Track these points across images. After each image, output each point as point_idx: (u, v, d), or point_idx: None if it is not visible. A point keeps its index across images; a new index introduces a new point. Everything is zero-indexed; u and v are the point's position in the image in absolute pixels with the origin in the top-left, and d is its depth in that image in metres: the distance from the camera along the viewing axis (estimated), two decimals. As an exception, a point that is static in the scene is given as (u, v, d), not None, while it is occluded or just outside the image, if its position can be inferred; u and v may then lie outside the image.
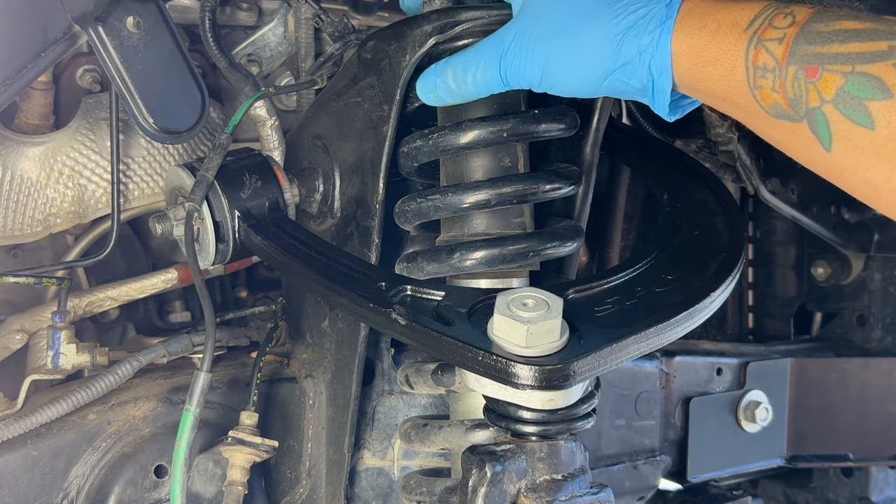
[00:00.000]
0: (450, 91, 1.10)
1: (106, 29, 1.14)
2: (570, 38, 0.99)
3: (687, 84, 0.95)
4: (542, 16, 1.02)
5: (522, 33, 1.03)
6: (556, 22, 1.01)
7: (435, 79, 1.11)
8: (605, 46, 0.97)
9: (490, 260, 1.14)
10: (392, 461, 1.35)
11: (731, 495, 1.96)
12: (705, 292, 1.07)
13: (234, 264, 1.41)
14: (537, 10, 1.03)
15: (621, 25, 0.96)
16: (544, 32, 1.01)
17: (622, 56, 0.96)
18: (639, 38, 0.95)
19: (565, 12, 1.00)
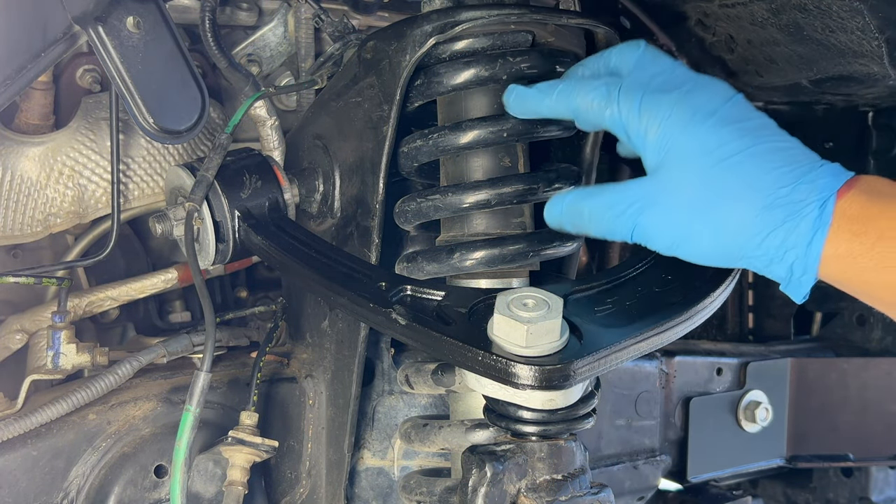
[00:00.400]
0: (573, 224, 1.06)
1: (106, 29, 1.14)
2: (709, 221, 0.96)
3: (837, 281, 0.93)
4: (682, 187, 0.97)
5: (657, 200, 0.98)
6: (696, 198, 0.96)
7: (561, 212, 1.06)
8: (747, 234, 0.94)
9: (490, 260, 1.14)
10: (392, 461, 1.35)
11: (731, 495, 1.96)
12: (705, 292, 1.07)
13: (234, 264, 1.41)
14: (674, 180, 0.98)
15: (768, 220, 0.93)
16: (679, 209, 0.97)
17: (764, 247, 0.94)
18: (787, 236, 0.92)
19: (708, 190, 0.96)
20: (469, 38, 1.13)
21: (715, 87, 1.01)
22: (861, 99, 1.66)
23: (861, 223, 0.89)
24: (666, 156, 0.99)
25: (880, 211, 0.89)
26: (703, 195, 0.96)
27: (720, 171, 0.95)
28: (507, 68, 1.13)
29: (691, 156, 0.97)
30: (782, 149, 0.96)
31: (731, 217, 0.95)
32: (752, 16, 1.37)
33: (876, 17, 1.24)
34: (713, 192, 0.96)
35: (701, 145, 0.97)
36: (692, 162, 0.97)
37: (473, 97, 1.16)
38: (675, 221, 0.98)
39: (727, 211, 0.95)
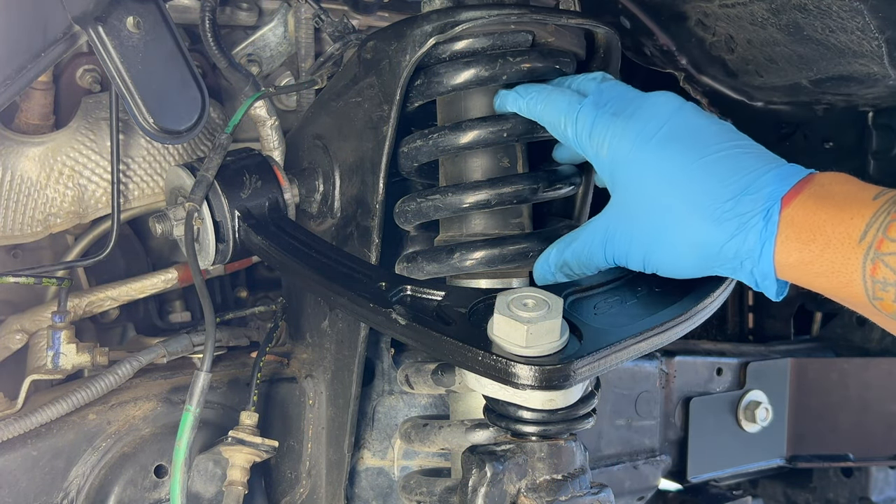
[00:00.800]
0: (568, 276, 1.10)
1: (106, 29, 1.14)
2: (664, 243, 0.98)
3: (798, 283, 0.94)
4: (633, 216, 1.01)
5: (618, 230, 1.02)
6: (648, 225, 0.99)
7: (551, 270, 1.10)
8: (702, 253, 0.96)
9: (490, 260, 1.14)
10: (392, 461, 1.35)
11: (731, 495, 1.96)
12: (705, 292, 1.07)
13: (234, 264, 1.41)
14: (627, 209, 1.02)
15: (718, 235, 0.94)
16: (638, 233, 1.00)
17: (722, 260, 0.96)
18: (739, 248, 0.94)
19: (658, 212, 0.98)
20: (469, 38, 1.13)
21: (660, 104, 1.02)
22: (861, 99, 1.65)
23: (809, 231, 0.90)
24: (615, 179, 1.02)
25: (828, 217, 0.89)
26: (655, 217, 0.99)
27: (666, 191, 0.97)
28: (507, 68, 1.12)
29: (639, 179, 0.99)
30: (730, 157, 0.96)
31: (684, 235, 0.97)
32: (752, 16, 1.37)
33: (876, 17, 1.24)
34: (664, 213, 0.98)
35: (646, 167, 0.99)
36: (640, 185, 0.99)
37: (473, 97, 1.16)
38: (638, 243, 1.01)
39: (680, 230, 0.97)
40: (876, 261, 0.85)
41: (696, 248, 0.96)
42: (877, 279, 0.86)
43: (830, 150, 1.90)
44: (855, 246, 0.87)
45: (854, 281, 0.87)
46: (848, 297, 0.90)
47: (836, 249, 0.88)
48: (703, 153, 0.97)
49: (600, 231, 1.04)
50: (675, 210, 0.97)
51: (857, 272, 0.87)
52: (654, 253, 1.00)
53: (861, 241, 0.86)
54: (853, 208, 0.88)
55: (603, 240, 1.04)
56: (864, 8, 1.23)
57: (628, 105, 1.04)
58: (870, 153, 1.86)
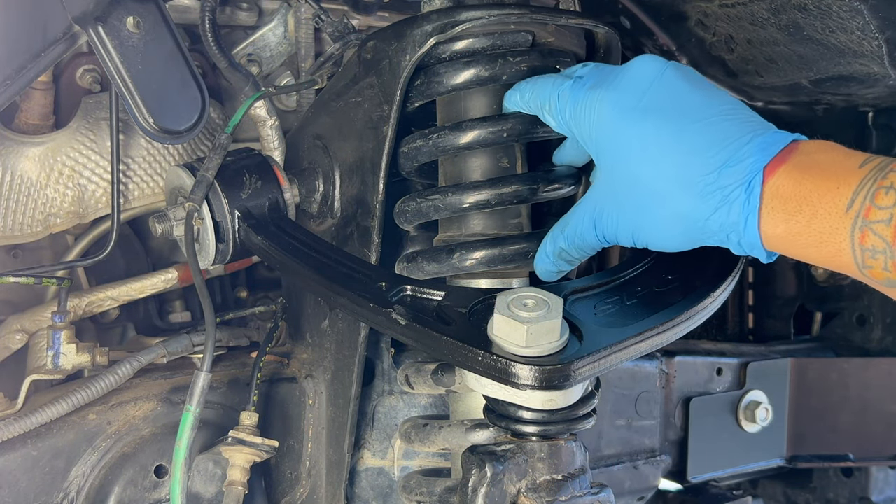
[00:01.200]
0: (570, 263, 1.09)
1: (106, 29, 1.14)
2: (650, 219, 0.98)
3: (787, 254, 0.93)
4: (618, 192, 1.00)
5: (606, 208, 1.02)
6: (633, 201, 0.99)
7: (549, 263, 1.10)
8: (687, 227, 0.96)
9: (490, 260, 1.14)
10: (392, 461, 1.35)
11: (731, 495, 1.96)
12: (705, 292, 1.07)
13: (234, 264, 1.41)
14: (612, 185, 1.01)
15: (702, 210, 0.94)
16: (625, 209, 1.00)
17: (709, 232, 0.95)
18: (724, 221, 0.93)
19: (640, 192, 0.98)
20: (469, 38, 1.13)
21: (638, 71, 1.00)
22: (861, 99, 1.65)
23: (795, 202, 0.89)
24: (601, 156, 1.02)
25: (814, 186, 0.88)
26: (639, 192, 0.98)
27: (649, 166, 0.96)
28: (507, 68, 1.12)
29: (622, 154, 0.98)
30: (711, 125, 0.95)
31: (669, 210, 0.96)
32: (752, 16, 1.37)
33: (876, 17, 1.24)
34: (647, 189, 0.97)
35: (628, 142, 0.98)
36: (624, 161, 0.98)
37: (473, 97, 1.16)
38: (626, 220, 1.00)
39: (663, 205, 0.96)
40: (864, 229, 0.84)
41: (682, 222, 0.96)
42: (865, 247, 0.85)
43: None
44: (842, 215, 0.86)
45: (843, 250, 0.86)
46: (838, 265, 0.89)
47: (824, 219, 0.87)
48: (683, 124, 0.95)
49: (589, 211, 1.04)
50: (658, 185, 0.96)
51: (845, 241, 0.86)
52: (642, 228, 0.99)
53: (848, 210, 0.85)
54: (839, 177, 0.87)
55: (592, 219, 1.03)
56: (864, 8, 1.23)
57: (608, 76, 1.02)
58: (870, 153, 1.86)
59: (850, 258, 0.86)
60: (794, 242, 0.90)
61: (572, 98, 1.03)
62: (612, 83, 1.00)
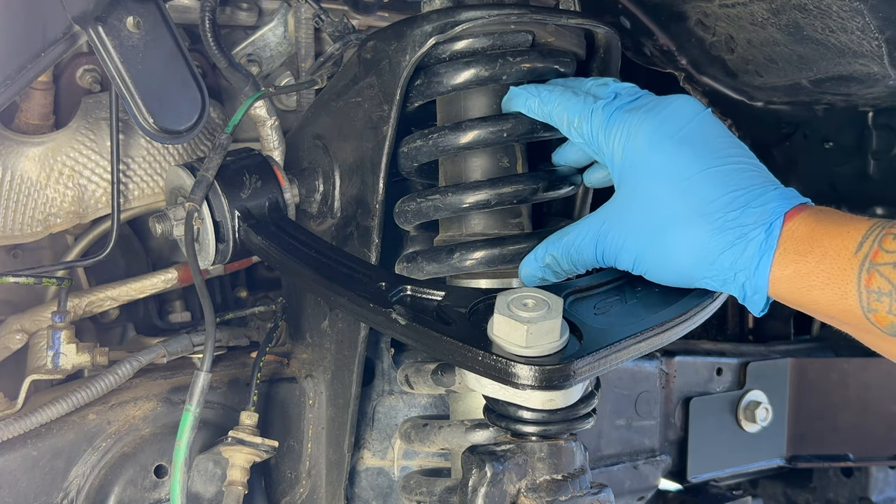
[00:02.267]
0: (551, 273, 1.09)
1: (106, 29, 1.14)
2: (660, 244, 0.99)
3: (788, 300, 0.95)
4: (634, 213, 1.01)
5: (619, 220, 1.02)
6: (647, 224, 1.00)
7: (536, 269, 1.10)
8: (697, 258, 0.97)
9: (490, 260, 1.14)
10: (392, 461, 1.35)
11: (731, 495, 1.96)
12: (705, 292, 1.07)
13: (234, 264, 1.41)
14: (629, 205, 1.02)
15: (718, 243, 0.95)
16: (635, 231, 1.00)
17: (716, 270, 0.96)
18: (736, 259, 0.95)
19: (662, 211, 0.99)
20: (469, 38, 1.13)
21: (680, 106, 1.03)
22: (861, 99, 1.65)
23: (807, 243, 0.91)
24: (625, 176, 1.02)
25: (826, 230, 0.91)
26: (657, 216, 0.99)
27: (674, 193, 0.98)
28: (506, 68, 1.13)
29: (648, 177, 1.00)
30: (739, 170, 0.98)
31: (683, 238, 0.97)
32: (752, 16, 1.37)
33: (876, 17, 1.24)
34: (667, 214, 0.98)
35: (658, 167, 1.00)
36: (648, 183, 1.00)
37: (473, 97, 1.16)
38: (634, 241, 1.01)
39: (680, 232, 0.97)
40: (871, 271, 0.87)
41: (693, 254, 0.97)
42: (871, 289, 0.87)
43: (830, 150, 1.91)
44: (851, 257, 0.88)
45: (849, 292, 0.88)
46: (842, 310, 0.90)
47: (833, 260, 0.89)
48: (716, 162, 0.98)
49: (594, 227, 1.04)
50: (680, 213, 0.97)
51: (851, 283, 0.88)
52: (647, 255, 1.00)
53: (857, 252, 0.88)
54: (850, 223, 0.90)
55: (595, 236, 1.04)
56: (864, 8, 1.23)
57: (648, 103, 1.04)
58: (870, 153, 1.86)
59: (856, 300, 0.88)
60: (801, 283, 0.92)
61: (606, 116, 1.04)
62: (653, 110, 1.02)
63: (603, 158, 1.06)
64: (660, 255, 1.00)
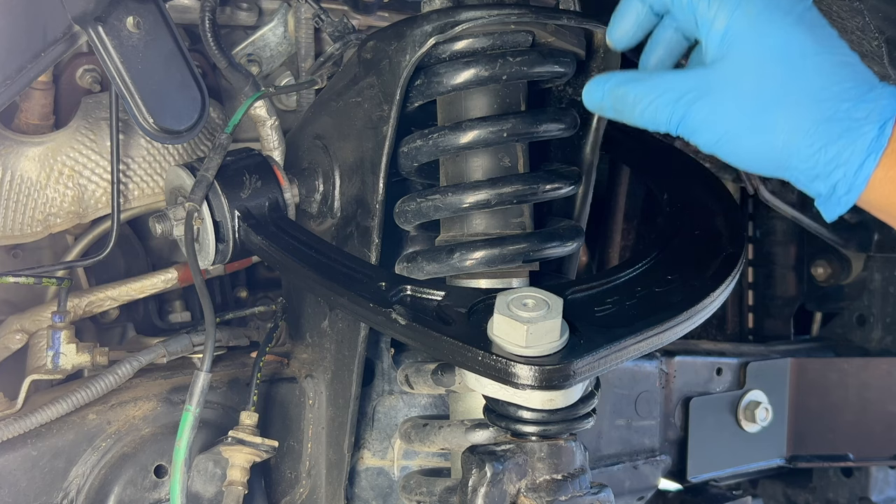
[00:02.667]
0: (614, 109, 1.00)
1: (106, 29, 1.14)
2: (762, 121, 0.93)
3: (877, 205, 0.92)
4: (739, 81, 0.94)
5: (712, 92, 0.94)
6: (752, 98, 0.93)
7: (603, 95, 1.00)
8: (798, 144, 0.92)
9: (490, 260, 1.14)
10: (392, 461, 1.35)
11: (731, 495, 1.96)
12: (705, 292, 1.07)
13: (234, 264, 1.41)
14: (735, 74, 0.94)
15: (826, 132, 0.91)
16: (734, 104, 0.93)
17: (813, 161, 0.92)
18: (840, 152, 0.90)
19: (768, 89, 0.92)
20: (469, 38, 1.13)
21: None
22: (861, 99, 1.65)
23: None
24: (729, 48, 0.95)
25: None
26: (761, 93, 0.93)
27: (784, 72, 0.92)
28: (506, 68, 1.12)
29: (757, 51, 0.93)
30: (849, 63, 0.93)
31: (786, 122, 0.92)
32: (753, 15, 1.37)
33: (876, 17, 1.24)
34: (772, 93, 0.92)
35: (769, 42, 0.93)
36: (756, 58, 0.93)
37: (473, 97, 1.16)
38: (727, 116, 0.94)
39: (783, 115, 0.92)
40: None
41: (795, 139, 0.91)
42: None
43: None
44: None
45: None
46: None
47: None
48: (829, 50, 0.93)
49: (689, 87, 0.95)
50: (791, 94, 0.92)
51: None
52: (741, 133, 0.94)
53: None
54: None
55: (680, 99, 0.95)
56: (864, 8, 1.23)
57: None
58: (870, 153, 1.86)
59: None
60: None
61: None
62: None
63: (697, 27, 0.97)
64: (756, 135, 0.93)
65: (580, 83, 1.25)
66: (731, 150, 0.96)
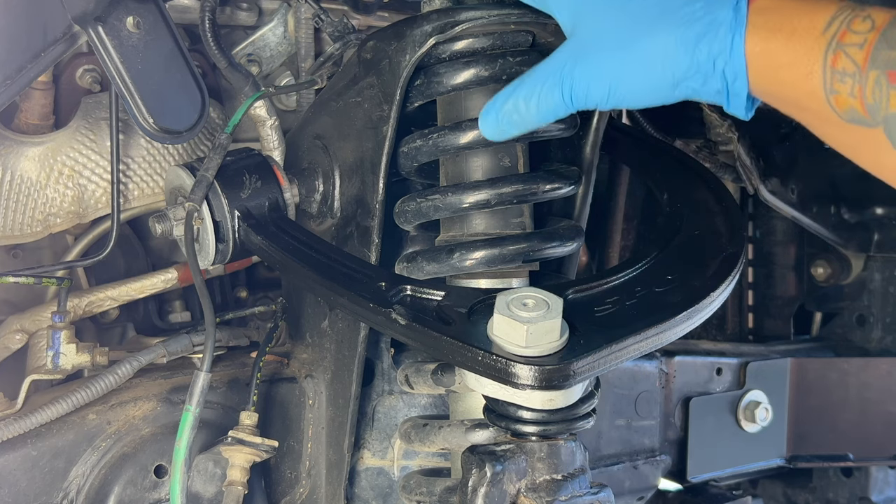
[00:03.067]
0: (513, 123, 1.04)
1: (106, 29, 1.14)
2: (636, 51, 0.96)
3: (759, 87, 0.93)
4: (601, 32, 0.98)
5: (583, 53, 0.99)
6: (618, 36, 0.97)
7: (496, 115, 1.04)
8: (675, 56, 0.94)
9: (490, 260, 1.14)
10: (392, 461, 1.35)
11: (731, 495, 1.96)
12: (705, 292, 1.07)
13: (234, 264, 1.41)
14: (595, 26, 0.99)
15: (690, 33, 0.93)
16: (606, 49, 0.97)
17: (694, 64, 0.94)
18: (710, 45, 0.92)
19: (626, 26, 0.96)
20: (469, 38, 1.13)
21: None
22: (861, 99, 1.65)
23: (776, 19, 0.90)
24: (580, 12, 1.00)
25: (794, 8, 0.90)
26: (623, 34, 0.96)
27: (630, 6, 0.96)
28: (507, 68, 1.13)
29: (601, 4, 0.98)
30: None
31: (656, 45, 0.95)
32: (752, 15, 1.37)
33: (876, 17, 1.24)
34: (632, 29, 0.96)
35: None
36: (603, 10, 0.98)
37: (473, 97, 1.16)
38: (605, 68, 0.97)
39: (650, 39, 0.95)
40: (837, 51, 0.86)
41: (669, 57, 0.95)
42: (836, 70, 0.86)
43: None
44: (819, 36, 0.87)
45: (814, 72, 0.87)
46: (806, 92, 0.89)
47: (801, 39, 0.88)
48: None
49: (558, 67, 1.00)
50: (644, 21, 0.95)
51: (818, 63, 0.87)
52: (622, 77, 0.97)
53: (825, 32, 0.87)
54: (819, 3, 0.89)
55: (561, 75, 0.99)
56: (864, 8, 1.22)
57: None
58: (870, 153, 1.85)
59: (820, 81, 0.87)
60: (771, 61, 0.90)
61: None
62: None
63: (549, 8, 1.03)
64: (635, 72, 0.96)
65: (580, 83, 1.25)
66: (626, 92, 0.98)
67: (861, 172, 0.97)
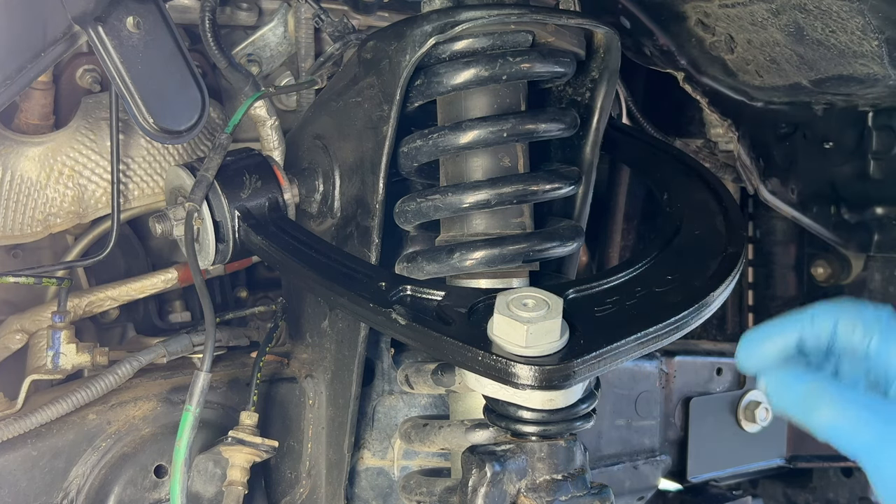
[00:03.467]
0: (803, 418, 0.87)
1: (106, 29, 1.14)
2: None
3: None
4: None
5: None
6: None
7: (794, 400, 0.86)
8: None
9: (490, 260, 1.14)
10: (392, 461, 1.35)
11: (731, 495, 1.96)
12: (705, 292, 1.07)
13: (234, 264, 1.41)
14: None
15: None
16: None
17: None
18: None
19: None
20: (469, 38, 1.13)
21: None
22: (861, 99, 1.66)
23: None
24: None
25: None
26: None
27: None
28: (506, 68, 1.12)
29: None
30: None
31: None
32: (753, 16, 1.37)
33: (876, 17, 1.24)
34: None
35: None
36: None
37: (473, 97, 1.16)
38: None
39: None
40: None
41: None
42: None
43: (830, 150, 1.90)
44: None
45: None
46: None
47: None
48: None
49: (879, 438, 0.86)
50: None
51: None
52: None
53: None
54: None
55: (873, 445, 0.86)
56: (864, 8, 1.23)
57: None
58: (870, 153, 1.86)
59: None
60: None
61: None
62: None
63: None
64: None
65: (580, 83, 1.25)
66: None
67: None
